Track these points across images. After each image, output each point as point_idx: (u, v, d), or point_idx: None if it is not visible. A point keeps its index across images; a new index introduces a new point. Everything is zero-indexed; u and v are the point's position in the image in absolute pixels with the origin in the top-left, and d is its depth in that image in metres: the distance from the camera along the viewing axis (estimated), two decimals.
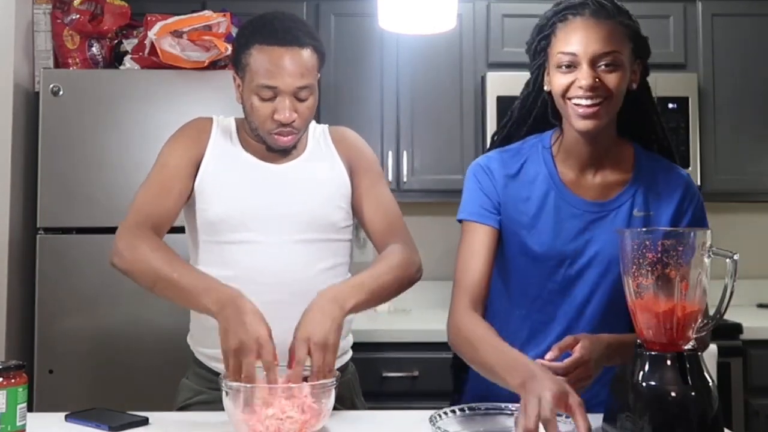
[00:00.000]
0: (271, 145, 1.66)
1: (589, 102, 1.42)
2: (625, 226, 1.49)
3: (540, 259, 1.53)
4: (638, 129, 1.58)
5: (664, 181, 1.54)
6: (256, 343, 1.34)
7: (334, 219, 1.69)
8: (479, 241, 1.56)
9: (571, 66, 1.43)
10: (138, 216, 1.60)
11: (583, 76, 1.41)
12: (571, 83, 1.44)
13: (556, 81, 1.46)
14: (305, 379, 1.39)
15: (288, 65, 1.57)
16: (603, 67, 1.42)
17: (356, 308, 1.50)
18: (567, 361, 1.34)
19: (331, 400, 1.40)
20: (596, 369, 1.39)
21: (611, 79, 1.42)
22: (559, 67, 1.45)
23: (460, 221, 1.62)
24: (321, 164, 1.73)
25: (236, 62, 1.66)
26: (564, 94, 1.45)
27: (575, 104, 1.44)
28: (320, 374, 1.38)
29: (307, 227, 1.65)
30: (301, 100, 1.61)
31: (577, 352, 1.35)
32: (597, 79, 1.41)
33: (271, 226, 1.63)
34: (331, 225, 1.68)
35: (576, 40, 1.42)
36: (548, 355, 1.35)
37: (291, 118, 1.60)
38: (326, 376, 1.39)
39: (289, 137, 1.64)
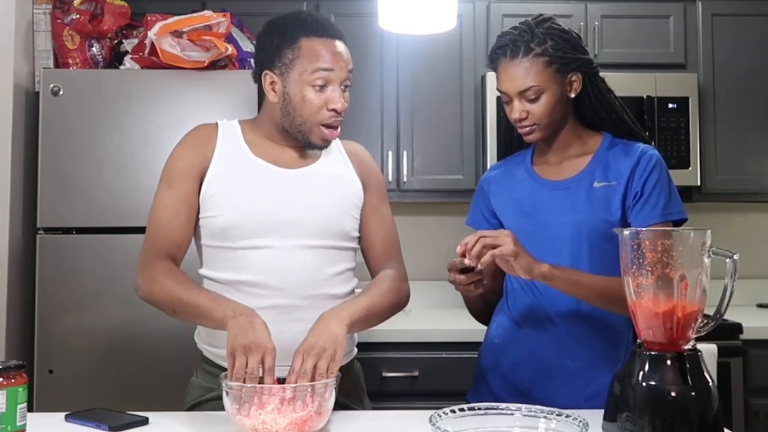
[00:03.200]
0: (316, 140, 1.66)
1: (524, 128, 1.68)
2: (586, 197, 1.66)
3: (520, 233, 1.65)
4: (605, 120, 1.74)
5: (622, 155, 1.69)
6: (263, 347, 1.40)
7: (347, 228, 1.70)
8: None
9: (508, 101, 1.68)
10: (152, 246, 1.64)
11: (512, 111, 1.68)
12: (511, 112, 1.69)
13: (506, 111, 1.72)
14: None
15: (339, 54, 1.63)
16: (528, 99, 1.65)
17: (354, 326, 1.56)
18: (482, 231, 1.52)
19: (332, 401, 1.40)
20: (524, 252, 1.50)
21: (536, 108, 1.65)
22: (503, 101, 1.71)
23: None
24: (336, 173, 1.73)
25: (273, 60, 1.65)
26: (511, 122, 1.71)
27: (518, 128, 1.70)
28: (307, 378, 1.41)
29: (320, 233, 1.65)
30: (346, 90, 1.65)
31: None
32: (524, 112, 1.66)
33: (284, 231, 1.63)
34: (344, 233, 1.69)
35: (503, 79, 1.68)
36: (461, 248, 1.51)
37: (345, 106, 1.64)
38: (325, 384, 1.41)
39: (338, 130, 1.67)
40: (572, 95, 1.68)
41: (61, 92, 2.63)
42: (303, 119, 1.64)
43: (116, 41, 2.85)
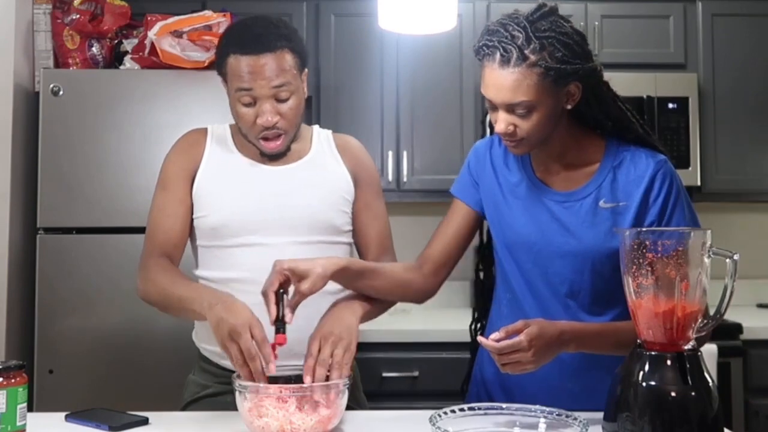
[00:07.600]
0: (262, 150, 1.67)
1: (510, 141, 1.49)
2: (591, 217, 1.51)
3: (510, 246, 1.57)
4: (608, 129, 1.56)
5: (632, 170, 1.52)
6: (247, 325, 1.39)
7: (337, 223, 1.70)
8: (452, 213, 1.69)
9: (493, 108, 1.47)
10: (151, 248, 1.67)
11: (497, 122, 1.47)
12: (496, 121, 1.48)
13: (490, 117, 1.50)
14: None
15: (260, 71, 1.58)
16: (516, 113, 1.44)
17: (364, 318, 1.58)
18: (502, 343, 1.34)
19: (344, 401, 1.41)
20: (545, 355, 1.38)
21: (525, 125, 1.44)
22: (487, 106, 1.49)
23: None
24: (324, 168, 1.74)
25: (219, 71, 1.68)
26: (495, 131, 1.50)
27: (503, 140, 1.50)
28: (325, 366, 1.41)
29: (309, 229, 1.66)
30: (281, 101, 1.61)
31: (519, 336, 1.35)
32: (511, 125, 1.45)
33: (273, 228, 1.65)
34: (334, 228, 1.70)
35: (489, 86, 1.44)
36: (494, 335, 1.36)
37: (273, 121, 1.60)
38: (341, 372, 1.41)
39: (277, 142, 1.64)
40: (569, 107, 1.47)
41: (61, 92, 2.63)
42: (244, 132, 1.66)
43: (116, 41, 2.85)
